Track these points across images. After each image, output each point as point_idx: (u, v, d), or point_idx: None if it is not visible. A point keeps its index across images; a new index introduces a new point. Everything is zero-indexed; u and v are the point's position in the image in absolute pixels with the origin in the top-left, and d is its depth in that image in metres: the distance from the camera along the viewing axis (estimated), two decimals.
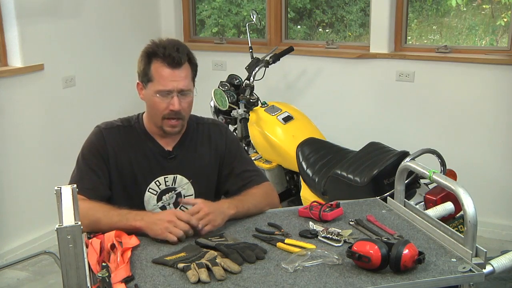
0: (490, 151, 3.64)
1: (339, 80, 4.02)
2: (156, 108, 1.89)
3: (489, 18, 4.11)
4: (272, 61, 3.48)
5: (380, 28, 3.80)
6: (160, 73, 1.85)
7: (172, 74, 1.85)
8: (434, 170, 1.70)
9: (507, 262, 1.54)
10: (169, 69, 1.85)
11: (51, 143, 3.66)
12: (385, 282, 1.42)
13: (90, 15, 3.88)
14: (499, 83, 3.55)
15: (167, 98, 1.86)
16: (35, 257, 3.29)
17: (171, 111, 1.87)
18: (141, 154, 1.95)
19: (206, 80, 3.95)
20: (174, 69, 1.85)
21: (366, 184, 2.52)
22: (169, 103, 1.87)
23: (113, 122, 1.99)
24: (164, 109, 1.87)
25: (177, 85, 1.86)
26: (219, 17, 4.82)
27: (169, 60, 1.84)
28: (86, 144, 1.95)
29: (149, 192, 1.94)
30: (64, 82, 3.73)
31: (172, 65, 1.85)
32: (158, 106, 1.88)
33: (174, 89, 1.86)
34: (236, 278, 1.44)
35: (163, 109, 1.88)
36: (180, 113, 1.89)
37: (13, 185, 3.44)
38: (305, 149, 3.01)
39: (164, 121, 1.90)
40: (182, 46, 1.90)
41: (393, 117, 3.87)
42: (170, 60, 1.84)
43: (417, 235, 1.70)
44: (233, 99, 3.29)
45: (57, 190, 1.40)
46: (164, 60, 1.85)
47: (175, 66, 1.85)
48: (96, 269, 1.47)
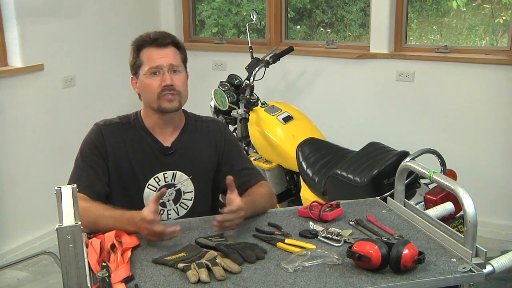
0: (490, 151, 3.64)
1: (339, 80, 4.02)
2: (149, 88, 1.91)
3: (489, 18, 4.11)
4: (272, 61, 3.48)
5: (380, 28, 3.80)
6: (149, 55, 1.92)
7: (160, 52, 1.92)
8: (434, 170, 1.70)
9: (507, 262, 1.54)
10: (156, 49, 1.92)
11: (51, 143, 3.66)
12: (385, 282, 1.42)
13: (90, 15, 3.88)
14: (499, 83, 3.55)
15: (158, 75, 1.90)
16: (35, 257, 3.29)
17: (164, 86, 1.90)
18: (140, 151, 1.95)
19: (206, 80, 3.97)
20: (161, 48, 1.92)
21: (366, 184, 2.52)
22: (161, 80, 1.90)
23: (112, 119, 2.00)
24: (157, 87, 1.90)
25: (166, 60, 1.91)
26: (219, 17, 4.82)
27: (155, 43, 1.92)
28: (85, 142, 1.95)
29: (148, 188, 1.94)
30: (64, 82, 3.73)
31: (158, 45, 1.92)
32: (151, 85, 1.91)
33: (164, 64, 1.90)
34: (236, 278, 1.44)
35: (156, 87, 1.90)
36: (173, 88, 1.90)
37: (13, 185, 3.44)
38: (305, 149, 3.01)
39: (160, 99, 1.91)
40: (167, 32, 1.99)
41: (393, 117, 3.87)
42: (156, 43, 1.92)
43: (417, 235, 1.70)
44: (233, 99, 3.29)
45: (57, 190, 1.40)
46: (151, 44, 1.93)
47: (161, 46, 1.92)
48: (96, 269, 1.47)
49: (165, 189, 1.80)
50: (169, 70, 1.91)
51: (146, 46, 1.93)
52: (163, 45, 1.92)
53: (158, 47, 1.92)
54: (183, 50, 2.00)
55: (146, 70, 1.91)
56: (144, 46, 1.93)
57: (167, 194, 1.97)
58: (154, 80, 1.90)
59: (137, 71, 1.95)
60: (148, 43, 1.93)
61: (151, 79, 1.90)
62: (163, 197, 1.94)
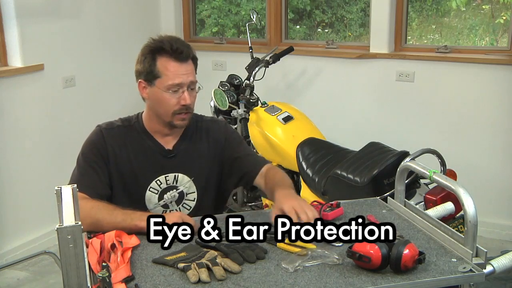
0: (490, 151, 3.64)
1: (339, 80, 4.02)
2: (166, 104, 1.87)
3: (489, 18, 4.11)
4: (272, 61, 3.48)
5: (380, 28, 3.80)
6: (169, 68, 1.84)
7: (181, 68, 1.85)
8: (434, 170, 1.70)
9: (507, 262, 1.54)
10: (177, 63, 1.85)
11: (51, 143, 3.66)
12: (385, 282, 1.42)
13: (90, 15, 3.88)
14: (499, 83, 3.55)
15: (177, 93, 1.86)
16: (35, 257, 3.29)
17: (182, 106, 1.86)
18: (141, 153, 1.95)
19: (206, 80, 3.94)
20: (182, 63, 1.85)
21: (366, 184, 2.52)
22: (179, 98, 1.86)
23: (114, 122, 1.99)
24: (175, 105, 1.87)
25: (187, 78, 1.86)
26: (219, 17, 4.82)
27: (176, 54, 1.84)
28: (86, 143, 1.95)
29: (150, 191, 1.95)
30: (64, 82, 3.73)
31: (179, 59, 1.85)
32: (168, 102, 1.86)
33: (185, 83, 1.85)
34: (236, 278, 1.44)
35: (174, 105, 1.87)
36: (190, 107, 1.89)
37: (13, 185, 3.44)
38: (305, 149, 3.01)
39: (175, 117, 1.89)
40: (185, 43, 1.91)
41: (393, 117, 3.87)
42: (178, 54, 1.84)
43: (418, 235, 1.70)
44: (233, 99, 3.29)
45: (57, 190, 1.40)
46: (171, 55, 1.84)
47: (182, 60, 1.85)
48: (97, 269, 1.47)
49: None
50: (188, 88, 1.87)
51: (164, 56, 1.85)
52: (185, 60, 1.86)
53: (180, 61, 1.85)
54: (196, 59, 1.94)
55: (167, 85, 1.85)
56: (162, 53, 1.85)
57: (170, 196, 1.97)
58: (172, 96, 1.86)
59: (151, 80, 1.88)
60: (167, 53, 1.84)
61: (170, 95, 1.86)
62: (165, 199, 1.95)
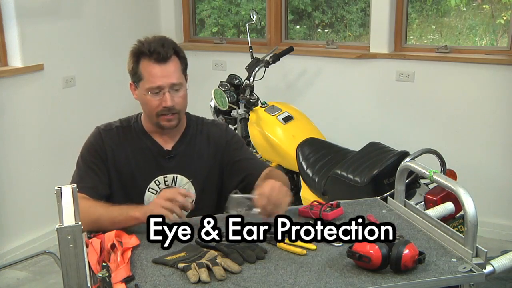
0: (490, 151, 3.64)
1: (339, 80, 4.02)
2: (149, 106, 1.88)
3: (489, 18, 4.11)
4: (272, 61, 3.48)
5: (380, 28, 3.80)
6: (149, 71, 1.85)
7: (161, 70, 1.85)
8: (434, 170, 1.70)
9: (507, 262, 1.54)
10: (157, 65, 1.85)
11: (51, 143, 3.66)
12: (385, 282, 1.42)
13: (90, 15, 3.88)
14: (499, 83, 3.55)
15: (159, 95, 1.86)
16: (35, 257, 3.29)
17: (164, 107, 1.87)
18: (140, 154, 1.95)
19: (206, 80, 3.97)
20: (162, 64, 1.85)
21: (366, 184, 2.52)
22: (161, 100, 1.86)
23: (112, 123, 1.99)
24: (157, 106, 1.87)
25: (167, 80, 1.85)
26: (219, 17, 4.82)
27: (155, 56, 1.84)
28: (85, 145, 1.96)
29: (149, 191, 1.95)
30: (64, 82, 3.73)
31: (159, 60, 1.84)
32: (150, 104, 1.88)
33: (165, 85, 1.85)
34: (237, 278, 1.44)
35: (156, 107, 1.87)
36: (174, 108, 1.88)
37: (13, 185, 3.44)
38: (305, 149, 3.01)
39: (159, 118, 1.90)
40: (167, 41, 1.90)
41: (393, 117, 3.87)
42: (156, 56, 1.84)
43: (418, 235, 1.70)
44: (233, 99, 3.29)
45: (57, 190, 1.40)
46: (150, 57, 1.85)
47: (162, 61, 1.85)
48: (96, 269, 1.47)
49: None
50: (170, 89, 1.86)
51: (145, 58, 1.85)
52: (164, 60, 1.85)
53: (159, 62, 1.84)
54: (184, 58, 1.93)
55: (147, 87, 1.86)
56: (143, 55, 1.86)
57: None
58: (154, 98, 1.86)
59: (137, 82, 1.90)
60: (146, 56, 1.85)
61: (151, 96, 1.86)
62: None
